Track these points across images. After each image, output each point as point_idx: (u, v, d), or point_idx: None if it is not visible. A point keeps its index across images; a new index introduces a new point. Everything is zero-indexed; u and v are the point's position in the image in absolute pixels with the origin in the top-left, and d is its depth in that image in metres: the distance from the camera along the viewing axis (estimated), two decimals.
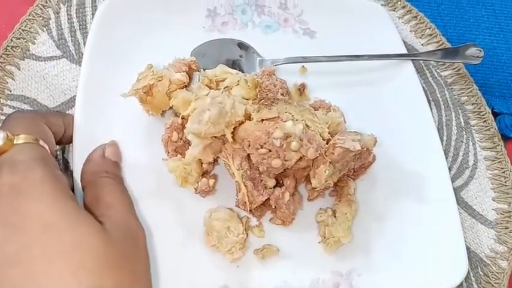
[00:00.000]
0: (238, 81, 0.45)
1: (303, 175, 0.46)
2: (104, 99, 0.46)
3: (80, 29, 0.53)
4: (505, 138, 0.58)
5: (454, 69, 0.59)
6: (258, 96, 0.44)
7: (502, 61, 0.62)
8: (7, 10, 0.54)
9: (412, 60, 0.54)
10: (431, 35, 0.59)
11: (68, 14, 0.53)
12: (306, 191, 0.47)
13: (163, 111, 0.46)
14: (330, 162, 0.42)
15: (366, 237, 0.47)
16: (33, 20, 0.52)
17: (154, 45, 0.50)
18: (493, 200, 0.54)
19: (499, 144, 0.56)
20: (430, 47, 0.59)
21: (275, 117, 0.42)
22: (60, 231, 0.32)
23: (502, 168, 0.55)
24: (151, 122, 0.47)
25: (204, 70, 0.47)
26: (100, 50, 0.48)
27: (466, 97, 0.58)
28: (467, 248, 0.49)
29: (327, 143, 0.43)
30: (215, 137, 0.42)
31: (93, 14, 0.53)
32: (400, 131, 0.51)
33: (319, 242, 0.45)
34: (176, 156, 0.43)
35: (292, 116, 0.43)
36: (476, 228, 0.52)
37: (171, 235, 0.44)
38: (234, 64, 0.50)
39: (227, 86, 0.45)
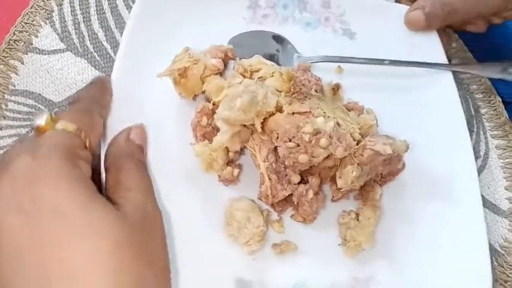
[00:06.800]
0: (272, 72, 0.44)
1: (329, 175, 0.45)
2: (136, 82, 0.46)
3: (84, 21, 0.51)
4: None
5: (462, 58, 0.58)
6: (292, 89, 0.44)
7: None
8: (8, 2, 0.53)
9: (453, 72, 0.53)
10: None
11: (71, 6, 0.52)
12: (330, 192, 0.46)
13: (195, 95, 0.45)
14: (358, 164, 0.41)
15: (388, 244, 0.45)
16: (35, 12, 0.51)
17: (194, 32, 0.50)
18: (506, 189, 0.53)
19: (510, 133, 0.56)
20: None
21: (307, 111, 0.41)
22: (73, 216, 0.32)
23: None
24: (182, 106, 0.47)
25: (240, 59, 0.47)
26: (138, 35, 0.47)
27: (475, 86, 0.58)
28: None
29: (357, 144, 0.42)
30: (244, 125, 0.42)
31: (97, 6, 0.52)
32: (432, 140, 0.49)
33: (339, 244, 0.45)
34: (204, 141, 0.43)
35: (324, 112, 0.42)
36: (489, 218, 0.51)
37: (190, 220, 0.43)
38: (270, 57, 0.50)
39: (261, 77, 0.44)
